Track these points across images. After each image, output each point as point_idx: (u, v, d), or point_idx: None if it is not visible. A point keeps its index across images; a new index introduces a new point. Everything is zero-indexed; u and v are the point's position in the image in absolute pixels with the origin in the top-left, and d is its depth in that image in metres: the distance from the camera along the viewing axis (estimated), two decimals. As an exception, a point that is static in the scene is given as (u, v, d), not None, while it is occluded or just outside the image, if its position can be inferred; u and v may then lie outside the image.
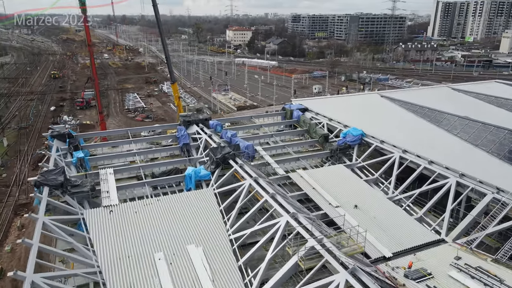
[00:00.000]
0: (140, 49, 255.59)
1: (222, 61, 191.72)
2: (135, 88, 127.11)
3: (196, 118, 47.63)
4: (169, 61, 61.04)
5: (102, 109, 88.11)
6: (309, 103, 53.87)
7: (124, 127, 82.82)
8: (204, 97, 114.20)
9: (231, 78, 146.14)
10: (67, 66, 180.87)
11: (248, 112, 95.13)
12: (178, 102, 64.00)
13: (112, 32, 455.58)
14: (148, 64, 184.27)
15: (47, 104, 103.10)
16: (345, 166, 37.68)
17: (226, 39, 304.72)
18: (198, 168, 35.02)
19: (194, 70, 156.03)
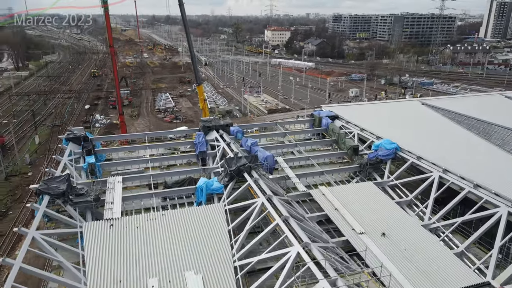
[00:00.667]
0: (179, 48, 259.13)
1: (258, 61, 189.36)
2: (168, 88, 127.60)
3: (216, 124, 45.07)
4: (194, 61, 59.15)
5: (134, 107, 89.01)
6: (340, 110, 49.80)
7: (152, 127, 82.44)
8: (236, 98, 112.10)
9: (265, 79, 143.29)
10: (107, 65, 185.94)
11: (279, 115, 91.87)
12: (203, 104, 61.99)
13: (155, 31, 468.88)
14: (185, 64, 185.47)
15: (83, 102, 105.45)
16: (375, 184, 33.46)
17: (264, 39, 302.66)
18: (210, 180, 32.34)
19: (228, 71, 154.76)
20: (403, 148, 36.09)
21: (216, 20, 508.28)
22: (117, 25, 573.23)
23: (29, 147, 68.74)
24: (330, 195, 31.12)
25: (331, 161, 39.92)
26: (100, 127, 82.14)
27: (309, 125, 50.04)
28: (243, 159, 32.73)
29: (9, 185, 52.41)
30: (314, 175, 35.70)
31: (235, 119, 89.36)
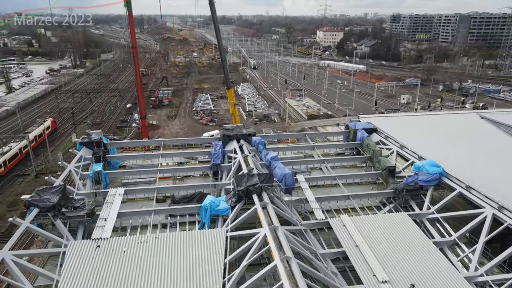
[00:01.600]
0: (228, 48, 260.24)
1: (306, 63, 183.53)
2: (210, 89, 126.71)
3: (238, 133, 41.55)
4: (225, 64, 56.19)
5: (173, 107, 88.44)
6: (380, 122, 44.08)
7: (185, 129, 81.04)
8: (277, 102, 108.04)
9: (311, 82, 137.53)
10: (157, 64, 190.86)
11: (319, 122, 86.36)
12: (233, 109, 58.84)
13: (209, 31, 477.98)
14: (232, 64, 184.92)
15: (126, 101, 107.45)
16: (411, 216, 27.89)
17: (316, 40, 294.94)
18: (217, 199, 28.85)
19: (274, 72, 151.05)
20: (450, 173, 30.06)
21: (270, 20, 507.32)
22: (174, 25, 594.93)
23: (65, 145, 70.14)
24: (352, 226, 26.23)
25: (362, 183, 34.70)
26: (136, 127, 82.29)
27: (343, 138, 44.97)
28: (255, 177, 28.80)
29: (36, 184, 53.18)
30: (338, 199, 30.83)
31: (272, 124, 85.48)
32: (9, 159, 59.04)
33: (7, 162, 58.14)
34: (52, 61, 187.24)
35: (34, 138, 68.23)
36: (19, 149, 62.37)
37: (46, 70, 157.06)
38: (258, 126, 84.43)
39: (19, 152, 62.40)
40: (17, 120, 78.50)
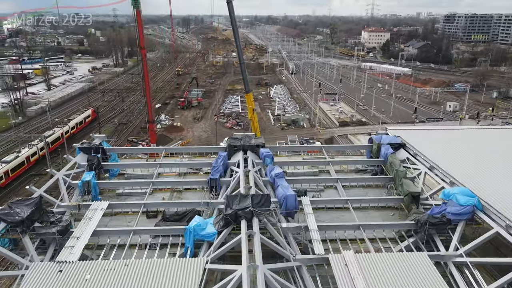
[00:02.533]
0: (269, 48, 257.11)
1: (347, 65, 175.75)
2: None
3: (245, 143, 37.99)
4: (243, 67, 52.74)
5: (202, 108, 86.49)
6: (410, 136, 38.60)
7: (209, 132, 78.62)
8: (310, 106, 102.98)
9: (349, 86, 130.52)
10: (195, 63, 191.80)
11: (351, 129, 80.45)
12: (251, 115, 55.27)
13: (253, 31, 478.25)
14: (269, 65, 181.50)
15: (157, 101, 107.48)
16: (433, 258, 22.76)
17: (360, 41, 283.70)
18: (205, 221, 25.53)
19: (311, 74, 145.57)
20: (487, 206, 24.56)
21: (316, 20, 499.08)
22: (219, 24, 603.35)
23: (88, 145, 70.19)
24: (355, 266, 21.78)
25: (380, 208, 29.74)
26: (160, 128, 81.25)
27: (367, 153, 39.96)
28: (248, 199, 25.18)
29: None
30: (347, 229, 26.23)
31: (299, 130, 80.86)
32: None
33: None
34: (98, 59, 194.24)
35: (75, 124, 77.59)
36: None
37: (89, 69, 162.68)
38: (285, 132, 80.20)
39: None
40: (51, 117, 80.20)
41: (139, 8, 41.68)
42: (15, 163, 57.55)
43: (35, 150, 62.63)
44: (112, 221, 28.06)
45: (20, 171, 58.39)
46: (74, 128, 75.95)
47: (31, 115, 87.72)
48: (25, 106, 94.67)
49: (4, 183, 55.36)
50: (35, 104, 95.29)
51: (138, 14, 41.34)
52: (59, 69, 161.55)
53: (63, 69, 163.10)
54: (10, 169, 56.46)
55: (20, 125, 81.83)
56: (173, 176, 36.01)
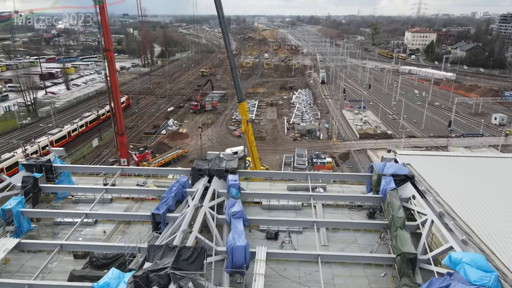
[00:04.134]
0: (304, 49, 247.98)
1: (384, 68, 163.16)
2: (265, 94, 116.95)
3: (212, 168, 31.52)
4: (234, 73, 45.94)
5: (215, 113, 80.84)
6: (422, 165, 30.48)
7: (214, 140, 72.66)
8: (333, 113, 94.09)
9: (381, 91, 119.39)
10: (224, 64, 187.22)
11: (372, 143, 70.88)
12: (245, 127, 48.40)
13: (293, 31, 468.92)
14: (300, 67, 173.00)
15: (171, 103, 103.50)
16: None
17: (403, 42, 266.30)
18: (118, 278, 19.23)
19: (342, 78, 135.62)
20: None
21: (361, 20, 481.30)
22: (259, 25, 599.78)
23: (84, 150, 66.85)
24: None
25: (368, 265, 21.92)
26: (165, 134, 76.54)
27: (367, 184, 32.02)
28: (173, 253, 18.83)
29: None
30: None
31: (313, 142, 72.67)
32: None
33: None
34: (130, 59, 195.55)
35: (111, 108, 79.55)
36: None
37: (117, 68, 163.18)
38: (297, 143, 72.41)
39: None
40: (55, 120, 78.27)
41: (102, 3, 36.26)
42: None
43: (75, 127, 74.34)
44: (30, 261, 22.73)
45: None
46: (109, 111, 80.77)
47: (42, 115, 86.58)
48: (40, 106, 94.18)
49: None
50: (49, 104, 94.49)
51: (102, 11, 35.95)
52: (89, 68, 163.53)
53: (93, 68, 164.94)
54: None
55: (27, 126, 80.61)
56: (128, 202, 30.37)
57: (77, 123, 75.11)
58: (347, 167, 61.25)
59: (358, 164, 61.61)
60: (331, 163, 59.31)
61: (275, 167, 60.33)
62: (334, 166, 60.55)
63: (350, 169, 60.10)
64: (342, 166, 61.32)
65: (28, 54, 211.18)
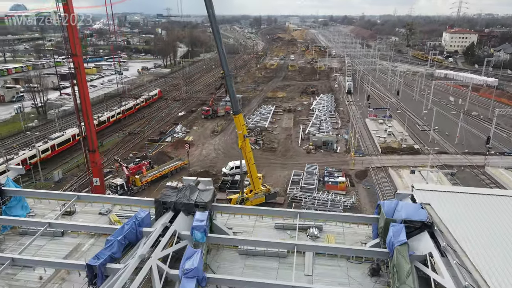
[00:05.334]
0: (332, 51, 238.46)
1: (417, 72, 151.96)
2: (284, 98, 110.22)
3: (180, 200, 26.36)
4: (229, 82, 40.06)
5: (225, 119, 74.27)
6: (447, 206, 23.99)
7: (219, 151, 67.15)
8: (355, 122, 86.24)
9: (411, 98, 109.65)
10: (248, 65, 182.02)
11: (395, 159, 62.69)
12: (241, 143, 42.44)
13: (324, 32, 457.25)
14: (326, 69, 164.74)
15: (184, 107, 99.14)
16: None
17: (441, 44, 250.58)
18: None
19: (369, 82, 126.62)
20: None
21: (397, 20, 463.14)
22: (289, 25, 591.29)
23: (79, 160, 63.15)
24: None
25: None
26: (170, 142, 71.89)
27: (373, 227, 25.59)
28: None
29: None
30: None
31: (329, 156, 65.45)
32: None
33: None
34: (155, 59, 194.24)
35: (145, 99, 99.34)
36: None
37: (138, 69, 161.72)
38: (310, 156, 65.53)
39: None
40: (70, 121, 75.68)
41: (66, 1, 31.34)
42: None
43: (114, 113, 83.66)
44: None
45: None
46: (143, 101, 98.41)
47: (51, 118, 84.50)
48: (51, 108, 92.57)
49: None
50: (60, 106, 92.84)
51: (66, 10, 31.03)
52: (111, 69, 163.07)
53: (115, 69, 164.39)
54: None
55: (33, 129, 78.54)
56: (82, 237, 25.68)
57: (115, 110, 77.83)
58: (363, 187, 53.81)
59: (376, 185, 54.04)
60: (345, 183, 52.17)
61: (281, 186, 53.94)
62: (348, 186, 53.36)
63: (366, 191, 52.69)
64: (357, 187, 53.96)
65: (57, 54, 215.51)
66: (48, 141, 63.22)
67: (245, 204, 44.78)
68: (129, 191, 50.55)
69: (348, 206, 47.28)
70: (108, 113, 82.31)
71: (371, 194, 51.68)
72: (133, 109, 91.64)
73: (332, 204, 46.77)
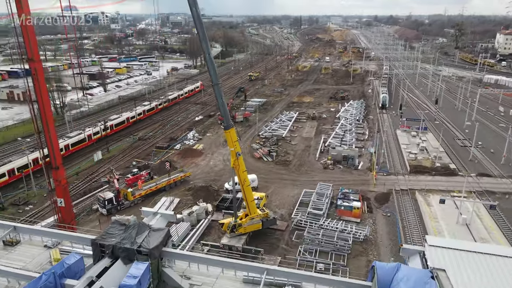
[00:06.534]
0: (372, 53, 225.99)
1: (464, 77, 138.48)
2: (311, 104, 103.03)
3: (121, 243, 21.96)
4: (217, 90, 34.62)
5: (243, 125, 69.19)
6: (470, 272, 17.19)
7: (226, 163, 61.81)
8: (385, 133, 77.72)
9: (453, 107, 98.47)
10: (279, 67, 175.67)
11: (425, 181, 54.08)
12: (234, 161, 36.89)
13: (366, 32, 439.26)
14: (362, 72, 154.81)
15: (203, 111, 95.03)
16: None
17: (494, 46, 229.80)
18: None
19: (406, 87, 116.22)
20: None
21: (447, 20, 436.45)
22: (331, 24, 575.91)
23: (79, 167, 60.48)
24: None
25: None
26: (178, 149, 67.72)
27: None
28: None
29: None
30: None
31: (348, 174, 58.06)
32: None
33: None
34: (188, 59, 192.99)
35: (189, 90, 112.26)
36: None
37: (167, 69, 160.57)
38: (327, 173, 58.58)
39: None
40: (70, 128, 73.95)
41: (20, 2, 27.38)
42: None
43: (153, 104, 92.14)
44: None
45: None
46: (187, 92, 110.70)
47: (68, 119, 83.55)
48: (72, 108, 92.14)
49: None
50: (79, 107, 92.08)
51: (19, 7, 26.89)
52: (142, 69, 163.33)
53: (146, 69, 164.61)
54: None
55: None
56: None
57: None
58: (383, 214, 46.31)
59: (397, 213, 46.29)
60: (360, 210, 45.01)
61: (287, 207, 47.75)
62: (365, 212, 46.11)
63: (386, 219, 45.17)
64: (375, 213, 46.51)
65: (95, 53, 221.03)
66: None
67: (237, 231, 39.16)
68: (119, 206, 46.67)
69: (360, 239, 40.26)
70: (142, 107, 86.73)
71: (391, 224, 44.15)
72: (178, 98, 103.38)
73: (340, 236, 39.96)
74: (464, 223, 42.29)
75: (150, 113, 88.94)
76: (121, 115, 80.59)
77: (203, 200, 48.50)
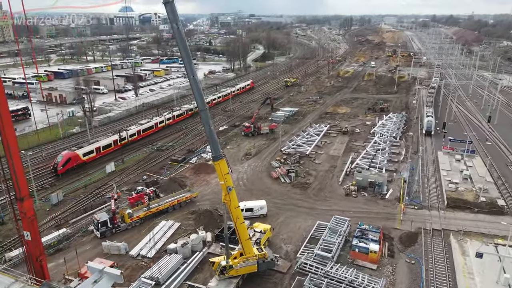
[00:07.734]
0: (424, 58, 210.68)
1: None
2: (345, 115, 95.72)
3: None
4: (204, 116, 30.34)
5: (268, 138, 63.07)
6: None
7: (242, 182, 57.46)
8: (423, 154, 69.22)
9: (510, 125, 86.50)
10: (320, 72, 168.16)
11: (464, 220, 45.75)
12: (225, 195, 32.40)
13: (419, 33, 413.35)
14: (408, 80, 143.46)
15: (229, 120, 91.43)
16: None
17: None
18: None
19: (454, 99, 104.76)
20: None
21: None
22: (383, 25, 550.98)
23: (90, 178, 59.12)
24: None
25: None
26: (194, 163, 64.46)
27: None
28: None
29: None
30: None
31: (373, 203, 51.16)
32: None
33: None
34: (229, 61, 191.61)
35: (240, 87, 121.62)
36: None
37: (205, 73, 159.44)
38: (349, 200, 52.16)
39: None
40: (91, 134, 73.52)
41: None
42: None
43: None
44: None
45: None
46: (239, 89, 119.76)
47: (95, 124, 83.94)
48: (102, 112, 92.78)
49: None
50: (109, 111, 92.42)
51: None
52: (181, 71, 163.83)
53: (184, 71, 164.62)
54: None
55: (73, 136, 78.24)
56: None
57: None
58: (406, 261, 39.41)
59: (423, 261, 39.14)
60: (378, 254, 38.57)
61: (295, 243, 42.41)
62: (384, 257, 39.55)
63: (409, 267, 38.26)
64: (397, 258, 39.71)
65: (139, 54, 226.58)
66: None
67: (228, 273, 34.64)
68: (114, 228, 44.06)
69: (372, 294, 34.02)
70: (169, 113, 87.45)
71: (414, 275, 37.22)
72: (230, 95, 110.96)
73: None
74: (507, 284, 34.40)
75: (179, 118, 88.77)
76: (151, 120, 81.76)
77: (204, 228, 44.63)
